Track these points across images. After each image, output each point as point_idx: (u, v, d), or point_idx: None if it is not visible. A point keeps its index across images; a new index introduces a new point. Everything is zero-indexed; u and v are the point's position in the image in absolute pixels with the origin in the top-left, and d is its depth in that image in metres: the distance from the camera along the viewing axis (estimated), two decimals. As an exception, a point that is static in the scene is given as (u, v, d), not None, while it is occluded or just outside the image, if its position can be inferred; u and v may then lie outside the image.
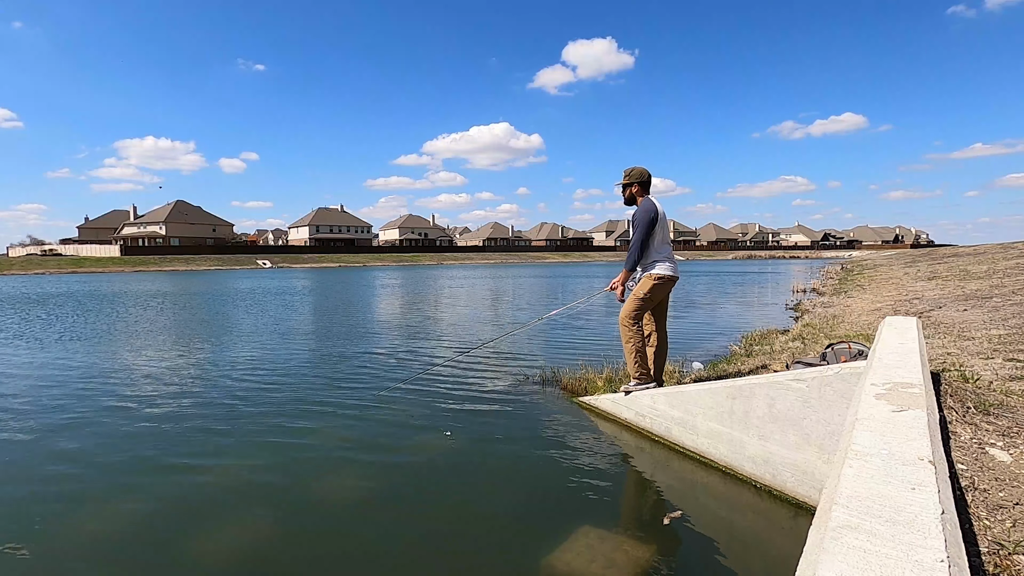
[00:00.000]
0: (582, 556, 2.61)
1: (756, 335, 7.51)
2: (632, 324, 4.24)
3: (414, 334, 9.89)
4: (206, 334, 9.98)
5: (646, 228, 4.13)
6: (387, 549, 2.75)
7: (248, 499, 3.29)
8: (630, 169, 4.34)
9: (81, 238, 78.43)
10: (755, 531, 2.97)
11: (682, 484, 3.54)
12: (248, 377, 6.32)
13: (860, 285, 15.06)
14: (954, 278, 12.19)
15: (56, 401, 5.33)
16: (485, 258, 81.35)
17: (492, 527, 2.97)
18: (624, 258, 4.32)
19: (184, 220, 75.87)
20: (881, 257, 40.89)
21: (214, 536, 2.87)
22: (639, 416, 4.30)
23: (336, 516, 3.09)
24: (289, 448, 4.06)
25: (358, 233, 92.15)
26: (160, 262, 55.51)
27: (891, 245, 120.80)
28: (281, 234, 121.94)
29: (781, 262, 65.09)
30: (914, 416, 1.80)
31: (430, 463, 3.81)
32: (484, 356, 7.40)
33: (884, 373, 2.39)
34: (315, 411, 4.95)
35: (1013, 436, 2.34)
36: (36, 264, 50.38)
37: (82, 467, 3.74)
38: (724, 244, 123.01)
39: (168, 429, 4.47)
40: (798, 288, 17.32)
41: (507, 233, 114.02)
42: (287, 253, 71.79)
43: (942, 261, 19.33)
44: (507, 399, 5.27)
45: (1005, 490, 1.83)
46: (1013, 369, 3.85)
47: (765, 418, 3.30)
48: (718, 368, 5.53)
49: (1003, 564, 1.41)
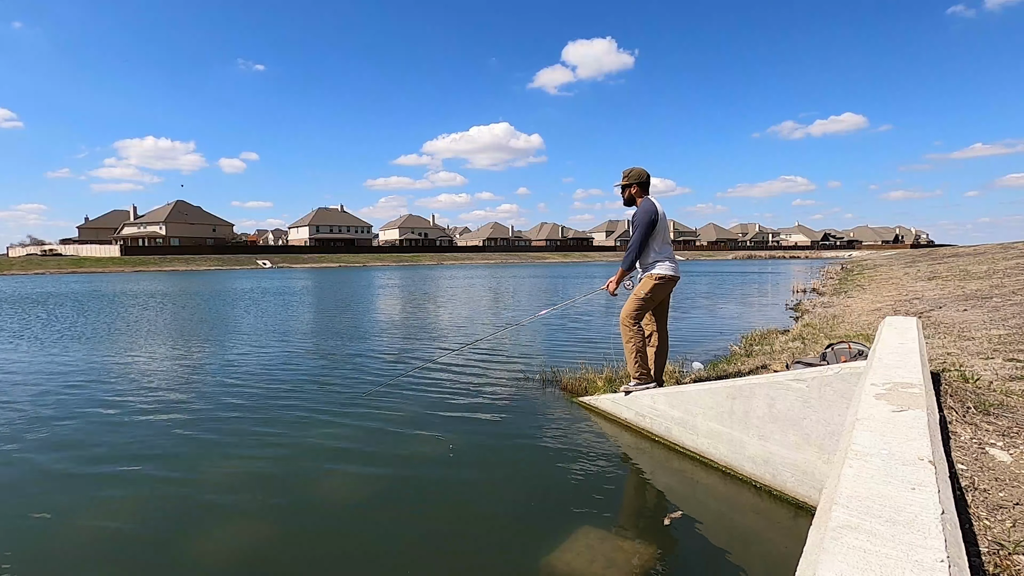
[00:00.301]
0: (582, 556, 2.61)
1: (756, 335, 7.51)
2: (633, 324, 4.24)
3: (414, 334, 9.89)
4: (205, 334, 9.98)
5: (646, 229, 4.13)
6: (387, 549, 2.75)
7: (248, 498, 3.29)
8: (629, 170, 4.34)
9: (81, 238, 78.44)
10: (755, 531, 2.97)
11: (682, 484, 3.54)
12: (248, 376, 6.31)
13: (860, 285, 15.06)
14: (954, 278, 12.19)
15: (53, 401, 5.33)
16: (485, 258, 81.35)
17: (492, 527, 2.97)
18: (622, 258, 4.32)
19: (184, 220, 75.88)
20: (881, 257, 40.90)
21: (213, 536, 2.87)
22: (639, 416, 4.30)
23: (336, 516, 3.09)
24: (287, 448, 4.06)
25: (358, 233, 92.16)
26: (160, 262, 55.52)
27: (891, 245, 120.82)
28: (281, 234, 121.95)
29: (781, 262, 65.07)
30: (914, 416, 1.80)
31: (430, 463, 3.81)
32: (484, 356, 7.40)
33: (884, 373, 2.39)
34: (314, 410, 4.95)
35: (1013, 436, 2.34)
36: (36, 264, 50.38)
37: (79, 467, 3.74)
38: (724, 244, 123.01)
39: (168, 428, 4.47)
40: (798, 288, 17.32)
41: (507, 233, 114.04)
42: (287, 253, 71.78)
43: (942, 261, 19.33)
44: (507, 399, 5.27)
45: (1005, 490, 1.83)
46: (1013, 369, 3.85)
47: (765, 418, 3.29)
48: (718, 368, 5.53)
49: (1003, 564, 1.41)
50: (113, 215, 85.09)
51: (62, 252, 63.67)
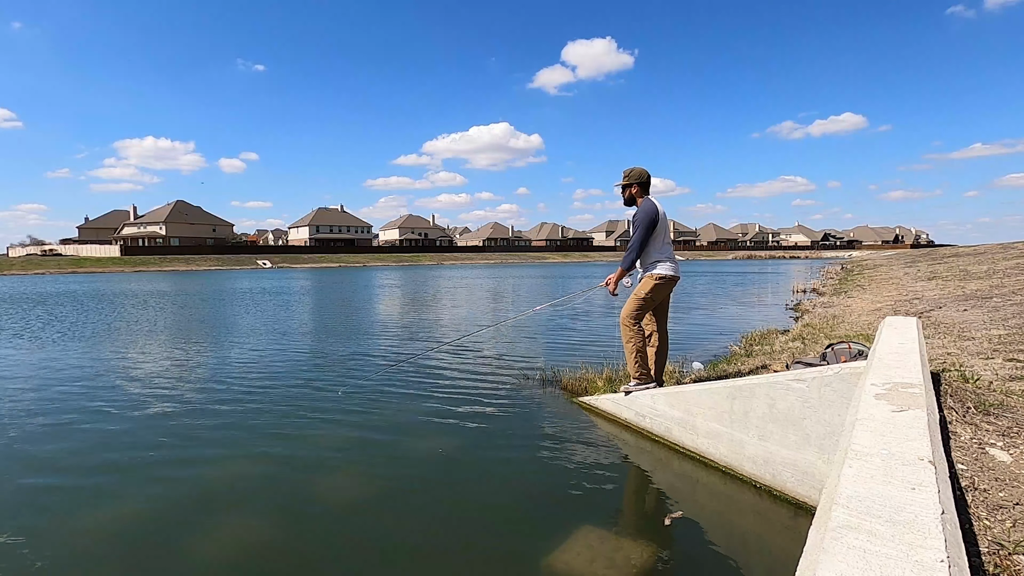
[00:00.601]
0: (582, 556, 2.61)
1: (756, 335, 7.52)
2: (633, 324, 4.24)
3: (414, 334, 9.89)
4: (205, 335, 9.98)
5: (647, 229, 4.13)
6: (387, 549, 2.75)
7: (247, 498, 3.29)
8: (629, 170, 4.34)
9: (81, 238, 78.43)
10: (755, 531, 2.97)
11: (682, 484, 3.54)
12: (248, 376, 6.31)
13: (860, 285, 15.07)
14: (954, 278, 12.20)
15: (52, 400, 5.33)
16: (485, 258, 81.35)
17: (492, 527, 2.97)
18: (622, 258, 4.32)
19: (184, 220, 75.85)
20: (881, 257, 40.90)
21: (213, 535, 2.87)
22: (639, 416, 4.30)
23: (335, 516, 3.09)
24: (287, 447, 4.06)
25: (358, 233, 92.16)
26: (160, 262, 55.50)
27: (891, 245, 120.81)
28: (281, 234, 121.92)
29: (781, 262, 65.08)
30: (914, 416, 1.80)
31: (430, 463, 3.81)
32: (484, 356, 7.40)
33: (884, 373, 2.39)
34: (313, 410, 4.95)
35: (1013, 436, 2.34)
36: (36, 264, 50.38)
37: (78, 466, 3.74)
38: (724, 244, 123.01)
39: (168, 428, 4.47)
40: (798, 288, 17.33)
41: (507, 233, 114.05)
42: (287, 253, 71.75)
43: (942, 261, 19.33)
44: (507, 399, 5.27)
45: (1005, 490, 1.83)
46: (1013, 369, 3.85)
47: (765, 418, 3.30)
48: (718, 368, 5.53)
49: (1003, 564, 1.41)
50: (113, 215, 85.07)
51: (62, 252, 63.66)
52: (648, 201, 4.20)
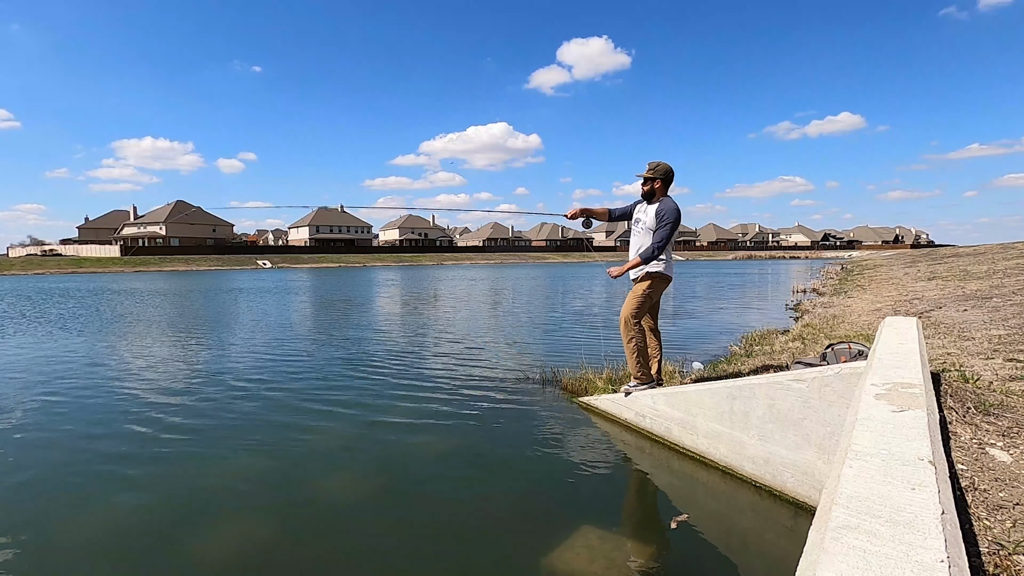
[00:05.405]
0: (582, 556, 2.61)
1: (756, 335, 7.51)
2: (634, 323, 4.24)
3: (413, 334, 9.89)
4: (205, 335, 9.98)
5: (674, 228, 4.07)
6: (387, 549, 2.75)
7: (247, 498, 3.29)
8: (656, 163, 4.16)
9: (81, 238, 78.33)
10: (755, 531, 2.97)
11: (682, 484, 3.54)
12: (247, 376, 6.31)
13: (860, 285, 15.06)
14: (954, 278, 12.19)
15: (51, 399, 5.33)
16: (485, 258, 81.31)
17: (492, 527, 2.97)
18: (627, 254, 4.28)
19: (184, 220, 75.77)
20: (881, 257, 40.87)
21: (213, 535, 2.87)
22: (639, 416, 4.30)
23: (335, 516, 3.09)
24: (287, 447, 4.06)
25: (358, 233, 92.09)
26: (160, 262, 55.46)
27: (891, 245, 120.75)
28: (281, 234, 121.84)
29: (781, 262, 65.06)
30: (914, 416, 1.80)
31: (429, 462, 3.81)
32: (484, 356, 7.40)
33: (884, 373, 2.39)
34: (312, 410, 4.95)
35: (1013, 436, 2.34)
36: (36, 264, 50.33)
37: (77, 466, 3.74)
38: (724, 244, 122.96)
39: (167, 428, 4.47)
40: (798, 288, 17.31)
41: (507, 233, 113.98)
42: (287, 253, 71.68)
43: (942, 261, 19.32)
44: (507, 399, 5.26)
45: (1005, 490, 1.83)
46: (1013, 369, 3.85)
47: (765, 418, 3.30)
48: (718, 368, 5.53)
49: (1003, 564, 1.41)
50: (113, 215, 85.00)
51: (62, 252, 63.60)
52: (672, 200, 4.11)
